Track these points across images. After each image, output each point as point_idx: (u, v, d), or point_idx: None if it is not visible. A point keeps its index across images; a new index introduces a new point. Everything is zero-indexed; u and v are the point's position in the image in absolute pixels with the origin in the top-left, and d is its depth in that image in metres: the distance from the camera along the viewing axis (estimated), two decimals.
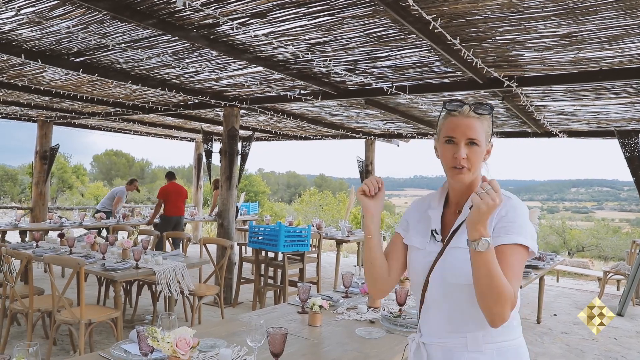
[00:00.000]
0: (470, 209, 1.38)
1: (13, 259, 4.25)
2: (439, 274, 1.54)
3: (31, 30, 3.91)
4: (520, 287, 4.37)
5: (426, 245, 1.60)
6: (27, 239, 6.95)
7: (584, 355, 5.06)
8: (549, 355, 4.98)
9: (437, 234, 1.60)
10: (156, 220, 8.80)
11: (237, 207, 10.72)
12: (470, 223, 1.33)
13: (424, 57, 4.15)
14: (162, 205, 8.46)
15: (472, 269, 1.36)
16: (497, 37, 3.54)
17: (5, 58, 4.58)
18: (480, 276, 1.35)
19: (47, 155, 9.15)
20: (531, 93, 5.26)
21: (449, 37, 3.36)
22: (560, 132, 7.66)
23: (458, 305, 1.51)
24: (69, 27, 3.68)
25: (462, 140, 1.49)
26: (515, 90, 4.67)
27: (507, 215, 1.47)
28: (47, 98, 6.79)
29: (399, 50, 4.01)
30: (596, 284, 9.35)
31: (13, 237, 7.76)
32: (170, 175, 9.00)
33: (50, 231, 7.07)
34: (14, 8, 3.35)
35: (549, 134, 7.86)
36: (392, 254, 1.70)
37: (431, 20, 3.02)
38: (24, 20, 3.65)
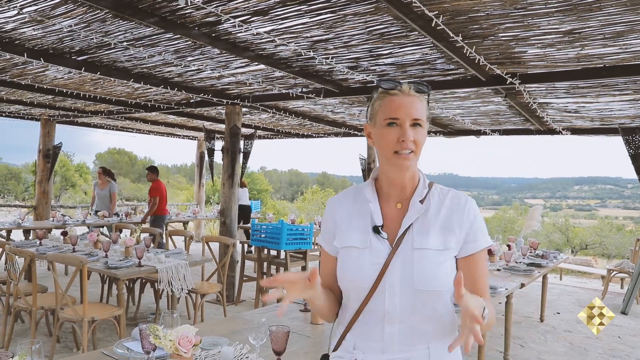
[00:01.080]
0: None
1: (17, 256, 4.26)
2: (402, 279, 1.34)
3: (33, 29, 3.91)
4: (523, 286, 4.35)
5: (369, 244, 1.39)
6: (30, 237, 6.97)
7: (587, 353, 5.04)
8: (552, 353, 4.97)
9: (381, 230, 1.40)
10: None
11: (249, 205, 10.69)
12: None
13: (426, 54, 4.14)
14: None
15: None
16: (499, 34, 3.52)
17: (8, 57, 4.58)
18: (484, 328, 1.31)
19: (50, 153, 9.16)
20: (534, 90, 5.24)
21: (452, 34, 3.35)
22: (563, 129, 7.63)
23: (425, 315, 1.34)
24: (71, 26, 3.69)
25: (407, 122, 1.33)
26: (518, 87, 4.65)
27: (475, 218, 1.41)
28: (50, 97, 6.80)
29: (401, 48, 4.00)
30: (600, 282, 9.32)
31: (17, 235, 7.77)
32: (156, 170, 8.41)
33: (53, 229, 7.08)
34: (16, 7, 3.35)
35: (552, 132, 7.84)
36: (331, 277, 1.48)
37: (433, 17, 3.01)
38: (26, 19, 3.66)
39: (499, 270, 4.72)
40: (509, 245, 5.48)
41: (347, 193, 1.53)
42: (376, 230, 1.39)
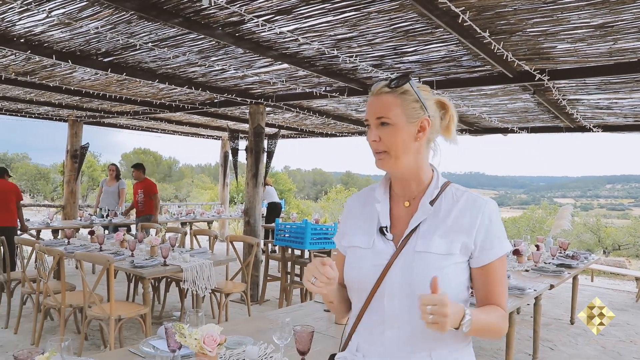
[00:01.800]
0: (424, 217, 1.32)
1: (46, 255, 4.35)
2: (402, 282, 1.29)
3: (61, 32, 3.98)
4: (553, 287, 4.24)
5: (372, 244, 1.36)
6: (59, 236, 7.12)
7: (621, 358, 4.89)
8: (583, 357, 4.84)
9: (387, 232, 1.36)
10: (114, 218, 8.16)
11: (280, 203, 10.68)
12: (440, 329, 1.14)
13: (452, 51, 4.07)
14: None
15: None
16: (528, 29, 3.44)
17: (37, 59, 4.68)
18: (481, 335, 1.29)
19: (77, 154, 9.35)
20: (564, 86, 5.11)
21: (478, 30, 3.29)
22: (594, 126, 7.43)
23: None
24: (97, 28, 3.74)
25: (373, 122, 1.31)
26: (547, 83, 4.54)
27: (491, 224, 1.30)
28: (77, 98, 6.93)
29: (425, 45, 3.94)
30: (634, 284, 9.04)
31: (46, 234, 7.95)
32: (144, 168, 8.12)
33: (81, 228, 7.22)
34: (45, 10, 3.41)
35: (583, 129, 7.63)
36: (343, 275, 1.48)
37: (459, 13, 2.95)
38: (54, 22, 3.72)
39: (527, 270, 4.62)
40: (537, 246, 5.35)
41: (362, 192, 1.51)
42: (382, 231, 1.36)
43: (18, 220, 6.41)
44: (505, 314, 1.32)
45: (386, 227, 1.36)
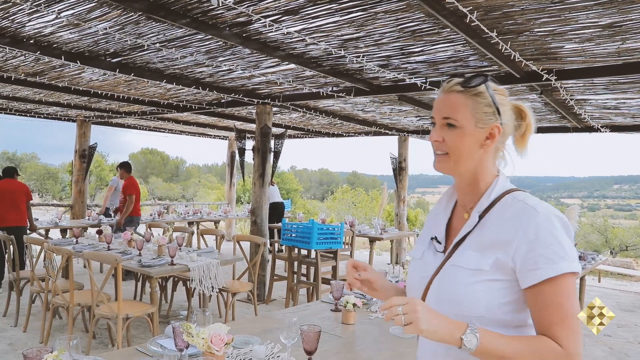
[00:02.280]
0: (479, 217, 1.20)
1: (55, 254, 4.38)
2: (434, 296, 1.23)
3: (70, 33, 4.01)
4: None
5: (422, 255, 1.32)
6: (67, 236, 7.17)
7: (628, 359, 4.87)
8: (590, 358, 4.82)
9: (438, 242, 1.29)
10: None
11: (282, 203, 10.67)
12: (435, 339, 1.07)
13: (459, 51, 4.06)
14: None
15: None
16: (535, 29, 3.43)
17: (46, 60, 4.71)
18: None
19: (85, 154, 9.40)
20: (571, 86, 5.09)
21: (486, 30, 3.28)
22: (602, 126, 7.39)
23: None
24: (106, 29, 3.76)
25: (439, 120, 1.22)
26: (554, 83, 4.52)
27: (537, 239, 1.10)
28: (86, 98, 6.98)
29: (432, 45, 3.94)
30: None
31: (55, 233, 8.01)
32: (130, 166, 7.94)
33: (89, 228, 7.27)
34: (54, 11, 3.44)
35: (590, 129, 7.60)
36: None
37: (467, 12, 2.95)
38: (63, 23, 3.75)
39: None
40: None
41: (442, 197, 1.42)
42: (435, 240, 1.31)
43: (27, 220, 6.47)
44: (560, 350, 1.06)
45: (435, 237, 1.31)
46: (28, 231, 6.62)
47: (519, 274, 1.13)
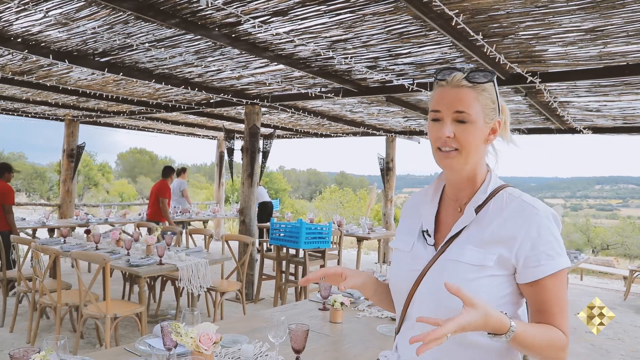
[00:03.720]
0: (475, 212, 1.21)
1: (42, 254, 4.37)
2: (430, 290, 1.22)
3: (58, 32, 4.00)
4: None
5: (412, 247, 1.31)
6: (55, 235, 7.12)
7: (609, 355, 4.97)
8: (573, 354, 4.91)
9: (428, 235, 1.29)
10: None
11: (271, 203, 10.68)
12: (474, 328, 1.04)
13: (445, 53, 4.12)
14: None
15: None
16: (520, 33, 3.49)
17: (34, 59, 4.69)
18: (523, 351, 1.14)
19: (73, 153, 9.34)
20: (555, 89, 5.18)
21: (472, 33, 3.33)
22: (584, 128, 7.51)
23: (455, 336, 1.07)
24: (94, 28, 3.76)
25: (449, 115, 1.19)
26: (538, 86, 4.60)
27: (539, 237, 1.15)
28: (74, 97, 6.93)
29: (420, 47, 3.99)
30: (622, 283, 9.15)
31: (42, 233, 7.95)
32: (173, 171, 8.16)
33: (77, 227, 7.23)
34: (42, 10, 3.44)
35: (573, 131, 7.72)
36: None
37: (453, 16, 3.00)
38: (51, 22, 3.74)
39: None
40: None
41: (420, 192, 1.42)
42: (423, 234, 1.30)
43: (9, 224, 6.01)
44: (565, 338, 1.15)
45: (427, 231, 1.30)
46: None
47: (521, 270, 1.17)
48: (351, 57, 4.27)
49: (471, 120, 1.18)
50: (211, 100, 6.99)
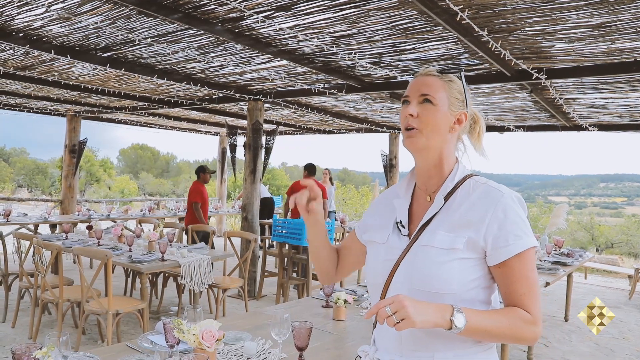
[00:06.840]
0: (444, 200, 1.28)
1: (44, 250, 4.35)
2: (404, 277, 1.27)
3: (60, 27, 3.97)
4: (548, 284, 4.25)
5: (387, 239, 1.35)
6: (57, 231, 7.11)
7: (614, 354, 4.94)
8: (577, 354, 4.88)
9: (402, 227, 1.34)
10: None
11: (272, 199, 10.62)
12: (424, 324, 1.11)
13: (450, 49, 4.08)
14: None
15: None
16: (526, 28, 3.45)
17: (36, 54, 4.67)
18: (485, 339, 1.21)
19: (75, 149, 9.33)
20: (560, 85, 5.14)
21: (477, 29, 3.30)
22: (590, 125, 7.46)
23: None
24: (96, 23, 3.74)
25: (415, 98, 1.29)
26: (544, 82, 4.56)
27: (506, 219, 1.21)
28: (76, 93, 6.92)
29: (424, 43, 3.95)
30: (626, 282, 9.11)
31: (44, 229, 7.95)
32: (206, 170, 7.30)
33: (78, 223, 7.22)
34: (44, 4, 3.41)
35: (579, 128, 7.67)
36: (343, 250, 1.56)
37: (459, 11, 2.96)
38: (53, 17, 3.71)
39: None
40: None
41: (391, 188, 1.50)
42: (397, 226, 1.35)
43: None
44: (530, 316, 1.19)
45: (401, 222, 1.35)
46: None
47: (491, 251, 1.22)
48: (355, 53, 4.24)
49: (435, 102, 1.28)
50: (214, 96, 6.96)
